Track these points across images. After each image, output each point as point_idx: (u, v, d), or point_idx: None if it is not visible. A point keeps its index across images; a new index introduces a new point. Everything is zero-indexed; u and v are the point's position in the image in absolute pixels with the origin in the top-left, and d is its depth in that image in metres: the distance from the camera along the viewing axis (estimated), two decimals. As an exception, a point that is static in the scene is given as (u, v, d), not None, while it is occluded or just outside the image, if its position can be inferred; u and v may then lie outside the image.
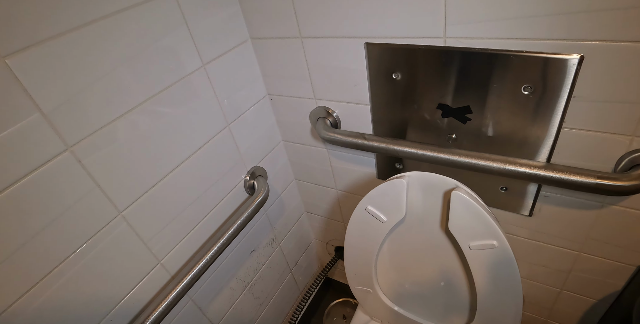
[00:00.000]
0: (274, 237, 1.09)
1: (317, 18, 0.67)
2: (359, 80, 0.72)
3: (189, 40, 0.66)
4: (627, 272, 0.72)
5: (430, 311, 0.85)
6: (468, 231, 0.63)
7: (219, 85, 0.74)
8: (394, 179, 0.67)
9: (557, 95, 0.55)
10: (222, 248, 0.78)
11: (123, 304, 0.67)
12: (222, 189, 0.83)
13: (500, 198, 0.74)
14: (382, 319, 0.93)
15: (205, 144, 0.75)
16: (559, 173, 0.57)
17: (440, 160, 0.66)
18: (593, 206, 0.66)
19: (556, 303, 0.89)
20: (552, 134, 0.59)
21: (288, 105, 0.87)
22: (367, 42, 0.65)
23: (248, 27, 0.76)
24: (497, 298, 0.68)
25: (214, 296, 0.91)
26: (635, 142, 0.55)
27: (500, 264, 0.64)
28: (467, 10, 0.54)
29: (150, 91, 0.62)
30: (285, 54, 0.77)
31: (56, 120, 0.51)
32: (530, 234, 0.78)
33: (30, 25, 0.46)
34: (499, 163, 0.61)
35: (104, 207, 0.59)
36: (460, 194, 0.61)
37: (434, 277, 0.80)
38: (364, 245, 0.78)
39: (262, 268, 1.08)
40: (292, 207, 1.14)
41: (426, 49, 0.61)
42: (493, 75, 0.58)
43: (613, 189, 0.54)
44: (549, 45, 0.52)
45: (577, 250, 0.74)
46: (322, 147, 0.92)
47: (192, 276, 0.73)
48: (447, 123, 0.68)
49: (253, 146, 0.89)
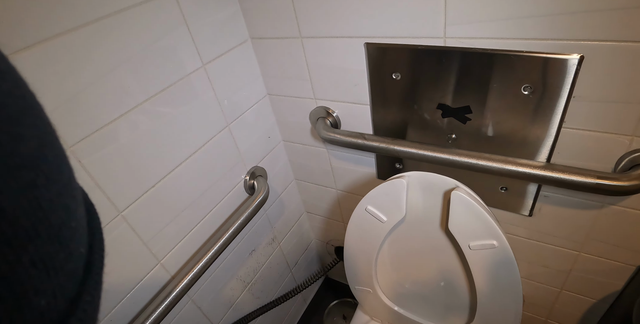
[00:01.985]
0: (274, 237, 1.09)
1: (317, 18, 0.67)
2: (359, 80, 0.72)
3: (189, 40, 0.66)
4: (627, 272, 0.72)
5: (430, 311, 0.85)
6: (468, 231, 0.63)
7: (219, 85, 0.74)
8: (394, 179, 0.67)
9: (557, 95, 0.55)
10: (222, 248, 0.78)
11: (123, 304, 0.67)
12: (222, 189, 0.83)
13: (500, 198, 0.74)
14: (382, 319, 0.93)
15: (205, 144, 0.75)
16: (559, 173, 0.57)
17: (440, 160, 0.66)
18: (593, 206, 0.66)
19: (556, 303, 0.89)
20: (552, 134, 0.59)
21: (288, 105, 0.87)
22: (367, 42, 0.65)
23: (248, 27, 0.76)
24: (497, 298, 0.68)
25: (214, 296, 0.91)
26: (635, 142, 0.55)
27: (500, 264, 0.64)
28: (467, 11, 0.54)
29: (150, 91, 0.62)
30: (285, 54, 0.77)
31: (56, 120, 0.50)
32: (530, 234, 0.78)
33: (30, 25, 0.46)
34: (499, 163, 0.61)
35: (104, 207, 0.59)
36: (460, 194, 0.61)
37: (434, 277, 0.80)
38: (364, 245, 0.78)
39: (262, 268, 1.08)
40: (292, 207, 1.14)
41: (426, 49, 0.61)
42: (493, 75, 0.58)
43: (613, 189, 0.54)
44: (549, 45, 0.52)
45: (577, 250, 0.74)
46: (322, 147, 0.92)
47: (192, 276, 0.73)
48: (447, 123, 0.68)
49: (253, 146, 0.89)
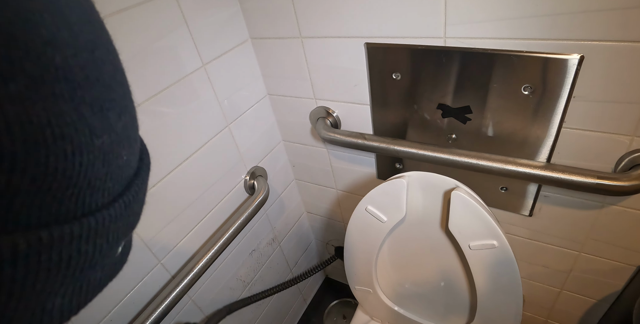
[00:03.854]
0: (274, 237, 1.09)
1: (317, 18, 0.67)
2: (359, 80, 0.72)
3: (189, 40, 0.66)
4: (627, 272, 0.72)
5: (431, 311, 0.85)
6: (468, 231, 0.63)
7: (219, 85, 0.74)
8: (394, 179, 0.67)
9: (557, 95, 0.55)
10: (222, 248, 0.78)
11: (123, 304, 0.67)
12: (222, 189, 0.83)
13: (500, 198, 0.74)
14: (382, 319, 0.93)
15: (205, 144, 0.75)
16: (559, 173, 0.57)
17: (440, 160, 0.66)
18: (593, 206, 0.66)
19: (556, 303, 0.89)
20: (552, 134, 0.59)
21: (288, 105, 0.87)
22: (367, 42, 0.65)
23: (248, 27, 0.76)
24: (497, 298, 0.68)
25: (214, 296, 0.91)
26: (635, 142, 0.55)
27: (500, 264, 0.64)
28: (467, 11, 0.54)
29: (150, 91, 0.62)
30: (285, 54, 0.77)
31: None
32: (530, 234, 0.78)
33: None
34: (499, 163, 0.61)
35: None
36: (460, 194, 0.61)
37: (434, 277, 0.80)
38: (364, 245, 0.78)
39: (262, 268, 1.08)
40: (292, 207, 1.14)
41: (426, 49, 0.61)
42: (493, 75, 0.58)
43: (613, 189, 0.54)
44: (549, 45, 0.52)
45: (577, 250, 0.74)
46: (322, 147, 0.92)
47: (192, 276, 0.73)
48: (447, 123, 0.68)
49: (253, 146, 0.89)
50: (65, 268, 0.12)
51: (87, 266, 0.13)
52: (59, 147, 0.11)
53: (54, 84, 0.11)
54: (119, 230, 0.15)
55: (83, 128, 0.12)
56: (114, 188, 0.14)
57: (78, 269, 0.13)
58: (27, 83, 0.11)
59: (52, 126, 0.11)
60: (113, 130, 0.14)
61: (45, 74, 0.11)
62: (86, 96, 0.13)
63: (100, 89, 0.13)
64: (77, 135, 0.12)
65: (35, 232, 0.11)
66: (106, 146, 0.13)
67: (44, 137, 0.11)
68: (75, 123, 0.12)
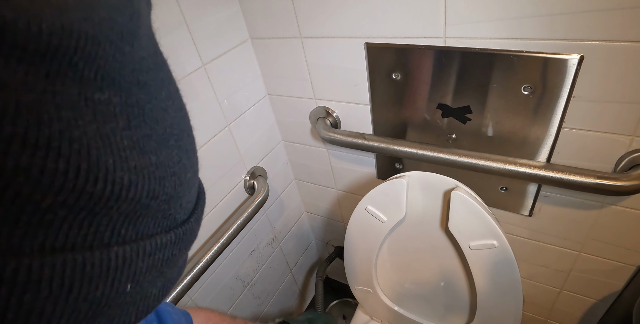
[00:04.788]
0: (274, 237, 1.09)
1: (317, 18, 0.67)
2: (359, 80, 0.72)
3: (189, 40, 0.66)
4: (627, 272, 0.72)
5: (430, 311, 0.85)
6: (468, 231, 0.63)
7: (218, 85, 0.74)
8: (394, 179, 0.67)
9: (557, 95, 0.55)
10: (222, 248, 0.78)
11: (123, 304, 0.67)
12: (222, 189, 0.83)
13: (500, 198, 0.74)
14: (382, 319, 0.93)
15: (205, 144, 0.75)
16: (558, 173, 0.57)
17: (440, 160, 0.66)
18: (593, 206, 0.66)
19: (556, 303, 0.89)
20: (552, 134, 0.59)
21: (288, 105, 0.87)
22: (367, 42, 0.65)
23: (248, 27, 0.76)
24: (497, 298, 0.68)
25: (213, 296, 0.91)
26: (635, 142, 0.55)
27: (500, 264, 0.64)
28: (467, 10, 0.54)
29: (150, 91, 0.62)
30: (285, 54, 0.77)
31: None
32: (530, 234, 0.78)
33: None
34: (499, 163, 0.61)
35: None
36: (460, 194, 0.61)
37: (434, 277, 0.80)
38: (364, 245, 0.78)
39: (262, 268, 1.08)
40: (292, 207, 1.14)
41: (426, 49, 0.61)
42: (493, 75, 0.58)
43: (613, 189, 0.54)
44: (549, 45, 0.52)
45: (577, 250, 0.74)
46: (322, 147, 0.92)
47: (192, 276, 0.73)
48: (447, 123, 0.68)
49: (253, 146, 0.89)
50: (165, 265, 0.17)
51: (172, 264, 0.18)
52: (174, 181, 0.17)
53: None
54: (190, 239, 0.20)
55: (181, 167, 0.17)
56: (188, 207, 0.19)
57: (168, 267, 0.18)
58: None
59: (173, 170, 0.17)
60: (192, 166, 0.19)
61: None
62: (183, 145, 0.19)
63: (192, 148, 0.20)
64: (179, 172, 0.17)
65: (155, 237, 0.16)
66: (190, 178, 0.19)
67: (170, 176, 0.17)
68: (178, 164, 0.17)
